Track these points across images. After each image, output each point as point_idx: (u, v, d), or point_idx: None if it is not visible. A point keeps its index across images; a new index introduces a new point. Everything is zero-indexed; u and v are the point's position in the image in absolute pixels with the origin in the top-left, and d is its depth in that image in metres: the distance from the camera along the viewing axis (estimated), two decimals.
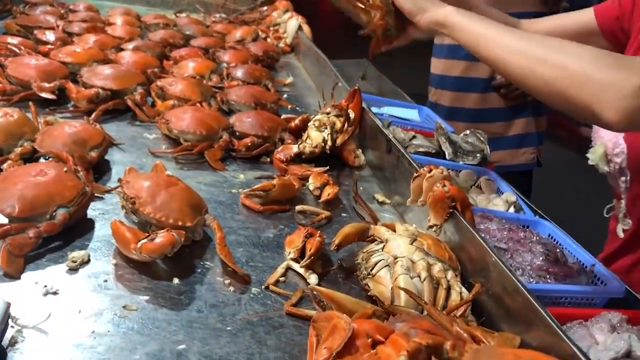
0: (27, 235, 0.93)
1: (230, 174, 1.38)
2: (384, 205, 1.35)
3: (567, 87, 0.97)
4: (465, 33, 1.18)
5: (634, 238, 1.42)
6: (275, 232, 1.15)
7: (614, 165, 1.37)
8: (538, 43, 1.06)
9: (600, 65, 0.96)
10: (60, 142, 1.20)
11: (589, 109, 0.95)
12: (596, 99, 0.93)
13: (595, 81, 0.94)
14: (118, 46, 2.09)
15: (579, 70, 0.96)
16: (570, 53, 1.00)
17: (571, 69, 0.97)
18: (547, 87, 1.01)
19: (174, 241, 0.94)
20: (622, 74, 0.93)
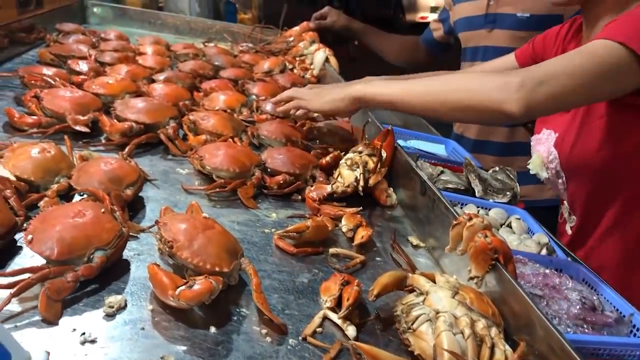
0: (65, 279, 0.92)
1: (262, 212, 1.37)
2: (418, 249, 1.32)
3: (475, 102, 1.29)
4: (380, 101, 1.49)
5: (580, 231, 1.63)
6: (310, 277, 1.13)
7: (551, 170, 1.63)
8: (441, 82, 1.43)
9: (489, 79, 1.33)
10: (96, 180, 1.20)
11: (497, 109, 1.25)
12: (497, 100, 1.25)
13: (491, 89, 1.27)
14: (149, 77, 2.11)
15: (477, 87, 1.31)
16: (465, 79, 1.39)
17: (472, 89, 1.31)
18: (461, 108, 1.33)
19: (212, 289, 0.93)
20: (505, 78, 1.28)
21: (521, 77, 1.24)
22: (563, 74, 1.23)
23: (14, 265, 1.01)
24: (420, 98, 1.40)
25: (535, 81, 1.22)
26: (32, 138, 1.50)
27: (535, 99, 1.22)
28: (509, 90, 1.23)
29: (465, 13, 2.39)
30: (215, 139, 1.63)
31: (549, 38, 1.71)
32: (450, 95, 1.35)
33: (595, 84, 1.23)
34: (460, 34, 2.44)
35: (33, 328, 0.86)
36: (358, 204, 1.41)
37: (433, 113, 1.42)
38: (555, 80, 1.22)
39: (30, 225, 0.99)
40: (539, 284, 1.40)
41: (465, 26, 2.39)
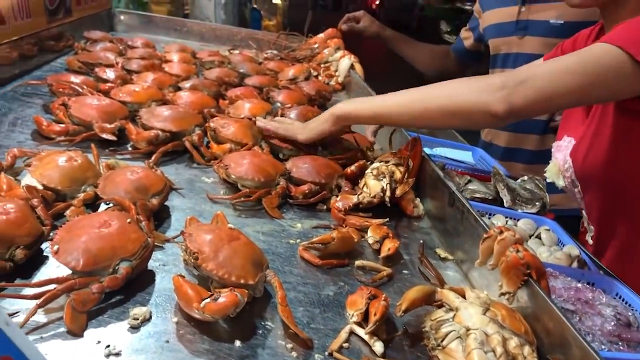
0: (91, 290, 0.91)
1: (287, 222, 1.35)
2: (446, 261, 1.30)
3: (459, 105, 1.30)
4: (364, 115, 1.51)
5: (599, 241, 1.60)
6: (336, 290, 1.11)
7: (567, 179, 1.61)
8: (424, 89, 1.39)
9: (472, 81, 1.32)
10: (122, 189, 1.20)
11: (481, 110, 1.26)
12: (481, 102, 1.25)
13: (474, 91, 1.27)
14: (175, 84, 2.12)
15: (460, 90, 1.31)
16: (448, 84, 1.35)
17: (455, 93, 1.32)
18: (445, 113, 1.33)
19: (237, 302, 0.91)
20: (488, 79, 1.31)
21: (504, 77, 1.25)
22: (548, 74, 1.23)
23: (40, 275, 1.01)
24: (404, 107, 1.40)
25: (517, 81, 1.22)
26: (60, 146, 1.51)
27: (517, 99, 1.21)
28: (492, 91, 1.23)
29: (495, 20, 2.35)
30: (239, 148, 1.63)
31: (579, 41, 1.66)
32: (434, 101, 1.34)
33: (585, 86, 1.21)
34: (490, 41, 2.40)
35: (58, 340, 0.86)
36: (384, 214, 1.38)
37: (418, 121, 1.42)
38: (537, 80, 1.22)
39: (56, 236, 0.99)
40: (570, 299, 1.36)
41: (495, 33, 2.35)
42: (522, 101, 1.22)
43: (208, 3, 5.35)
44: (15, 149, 1.35)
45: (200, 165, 1.58)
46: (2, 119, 1.66)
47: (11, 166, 1.30)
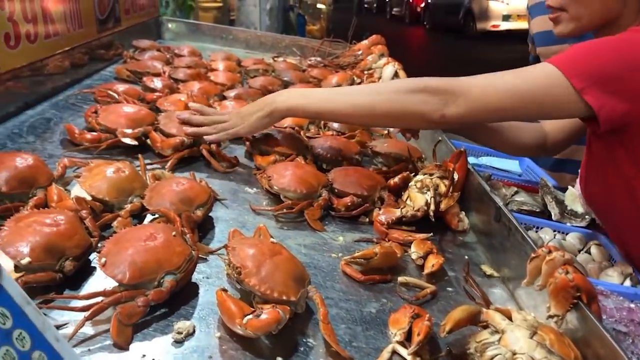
0: (136, 303, 0.93)
1: (329, 235, 1.35)
2: (491, 278, 1.26)
3: (402, 112, 1.36)
4: (307, 110, 1.52)
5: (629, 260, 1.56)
6: (378, 307, 1.10)
7: (584, 205, 1.67)
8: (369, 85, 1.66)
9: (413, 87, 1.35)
10: (167, 200, 1.22)
11: (420, 118, 1.34)
12: (420, 110, 1.32)
13: (413, 99, 1.33)
14: (220, 93, 2.14)
15: (402, 98, 1.35)
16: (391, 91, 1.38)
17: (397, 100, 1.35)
18: (390, 117, 1.42)
19: (280, 319, 0.91)
20: (426, 84, 1.33)
21: (443, 84, 1.31)
22: (482, 88, 1.28)
23: (87, 286, 1.03)
24: (351, 107, 1.42)
25: (453, 91, 1.29)
26: (88, 153, 1.54)
27: (451, 109, 1.29)
28: (429, 99, 1.30)
29: (544, 27, 2.28)
30: (284, 159, 1.63)
31: None
32: (379, 105, 1.38)
33: (517, 104, 1.26)
34: (539, 49, 2.34)
35: (105, 352, 0.87)
36: (428, 228, 1.36)
37: (361, 120, 1.56)
38: (472, 93, 1.28)
39: (104, 248, 1.01)
40: (623, 320, 1.31)
41: (543, 41, 2.29)
42: (455, 112, 1.28)
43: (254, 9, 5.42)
44: (65, 159, 1.38)
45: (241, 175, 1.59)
46: (54, 128, 1.72)
47: (62, 176, 1.33)
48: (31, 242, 0.97)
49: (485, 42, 13.27)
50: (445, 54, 11.84)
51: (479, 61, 10.92)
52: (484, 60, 11.09)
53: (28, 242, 0.97)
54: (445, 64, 9.52)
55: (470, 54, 11.91)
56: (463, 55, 11.77)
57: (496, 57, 11.52)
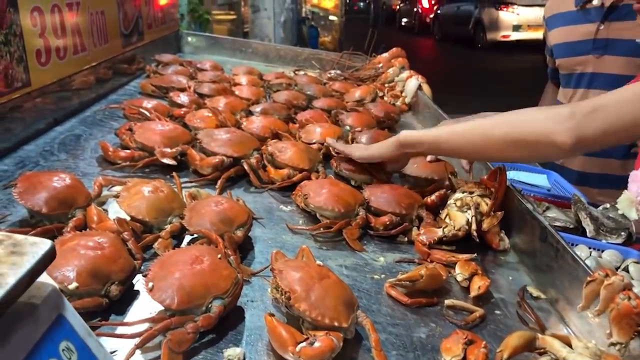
0: (186, 330, 0.91)
1: (369, 255, 1.32)
2: (538, 300, 1.23)
3: (523, 134, 1.23)
4: (424, 142, 1.44)
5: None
6: (427, 332, 1.07)
7: None
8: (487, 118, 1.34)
9: (538, 110, 1.27)
10: (208, 221, 1.20)
11: (545, 141, 1.19)
12: (546, 131, 1.19)
13: (540, 119, 1.22)
14: (246, 108, 2.13)
15: (524, 119, 1.26)
16: (512, 113, 1.29)
17: (519, 120, 1.26)
18: (508, 142, 1.26)
19: (334, 347, 0.89)
20: (555, 109, 1.23)
21: (571, 108, 1.19)
22: (614, 107, 1.15)
23: (133, 310, 1.01)
24: (464, 135, 1.36)
25: (586, 111, 1.16)
26: (124, 172, 1.53)
27: (584, 131, 1.16)
28: (559, 121, 1.17)
29: (566, 38, 2.26)
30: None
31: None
32: (496, 129, 1.28)
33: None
34: (561, 60, 2.31)
35: None
36: (466, 248, 1.33)
37: (478, 151, 1.37)
38: (604, 112, 1.15)
39: (150, 272, 0.99)
40: None
41: (566, 52, 2.26)
42: (591, 133, 1.16)
43: (267, 22, 5.43)
44: (100, 178, 1.37)
45: (274, 193, 1.57)
46: (85, 144, 1.71)
47: (98, 195, 1.32)
48: (77, 266, 0.95)
49: (496, 52, 13.26)
50: (455, 65, 11.82)
51: (490, 71, 10.90)
52: (495, 71, 11.08)
53: (74, 266, 0.95)
54: (456, 74, 9.50)
55: (481, 65, 11.90)
56: (474, 65, 11.75)
57: (507, 67, 11.51)
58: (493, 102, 3.78)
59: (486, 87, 8.21)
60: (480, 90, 7.71)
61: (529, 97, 2.82)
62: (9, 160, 1.53)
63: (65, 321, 0.64)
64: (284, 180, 1.59)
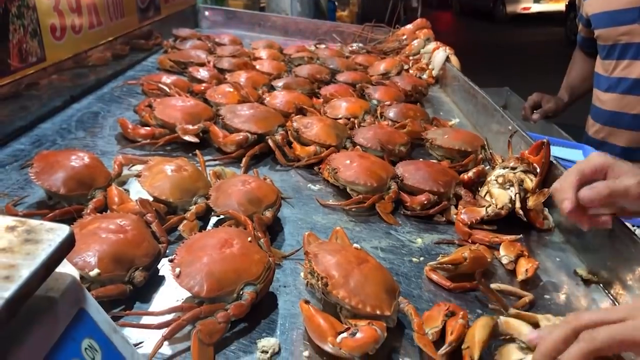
0: (216, 320, 0.84)
1: (405, 236, 1.24)
2: (590, 284, 1.14)
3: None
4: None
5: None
6: (473, 319, 0.98)
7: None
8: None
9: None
10: (235, 201, 1.12)
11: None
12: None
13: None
14: (268, 83, 2.04)
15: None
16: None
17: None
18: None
19: (378, 338, 0.81)
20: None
21: None
22: None
23: (158, 297, 0.94)
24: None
25: None
26: (145, 150, 1.47)
27: None
28: None
29: (607, 7, 2.12)
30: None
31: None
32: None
33: None
34: (601, 30, 2.17)
35: None
36: (507, 227, 1.24)
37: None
38: None
39: (177, 257, 0.92)
40: None
41: (608, 22, 2.12)
42: None
43: None
44: (120, 156, 1.30)
45: (301, 171, 1.49)
46: (103, 122, 1.64)
47: (119, 175, 1.26)
48: (99, 251, 0.88)
49: (516, 25, 12.92)
50: (475, 39, 11.54)
51: (510, 45, 10.63)
52: (515, 45, 10.80)
53: (95, 251, 0.88)
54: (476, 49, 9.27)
55: (501, 38, 11.61)
56: (494, 39, 11.47)
57: (528, 41, 11.22)
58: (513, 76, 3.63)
59: (506, 61, 8.01)
60: (500, 64, 7.52)
61: (549, 71, 2.69)
62: (25, 139, 1.47)
63: (87, 316, 0.57)
64: (311, 157, 1.51)
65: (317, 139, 1.56)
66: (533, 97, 2.55)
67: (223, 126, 1.56)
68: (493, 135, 1.76)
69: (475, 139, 1.62)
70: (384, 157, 1.50)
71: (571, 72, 2.60)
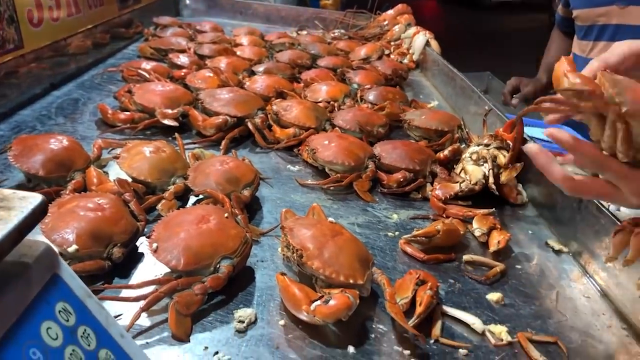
0: (193, 292, 0.86)
1: (382, 213, 1.27)
2: (560, 254, 1.18)
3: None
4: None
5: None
6: (446, 288, 1.02)
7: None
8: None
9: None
10: (213, 180, 1.14)
11: None
12: None
13: None
14: (249, 68, 2.05)
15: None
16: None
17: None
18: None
19: (350, 305, 0.84)
20: None
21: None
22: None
23: (137, 272, 0.96)
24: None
25: None
26: (124, 134, 1.48)
27: None
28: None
29: None
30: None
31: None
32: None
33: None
34: (580, 11, 2.20)
35: (164, 345, 0.80)
36: (481, 202, 1.27)
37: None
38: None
39: (154, 233, 0.94)
40: None
41: (586, 2, 2.15)
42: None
43: None
44: (99, 140, 1.32)
45: (281, 152, 1.51)
46: (83, 108, 1.65)
47: (98, 158, 1.27)
48: (77, 228, 0.90)
49: (500, 12, 12.95)
50: (459, 26, 11.57)
51: (494, 32, 10.66)
52: (500, 31, 10.84)
53: (73, 228, 0.90)
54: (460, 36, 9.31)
55: (486, 25, 11.64)
56: (478, 26, 11.50)
57: (513, 28, 11.26)
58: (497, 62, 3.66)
59: (490, 47, 8.05)
60: (484, 50, 7.56)
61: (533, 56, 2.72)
62: (4, 125, 1.47)
63: (61, 281, 0.59)
64: (291, 139, 1.53)
65: (297, 122, 1.57)
66: (511, 81, 2.58)
67: (202, 110, 1.57)
68: (471, 117, 1.79)
69: (451, 119, 1.65)
70: (363, 138, 1.53)
71: (549, 51, 2.63)
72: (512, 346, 0.88)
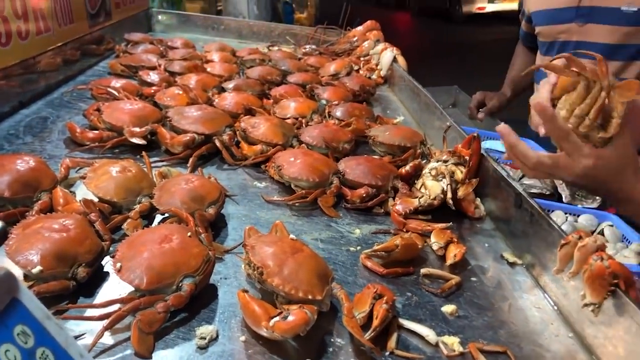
0: (156, 310, 0.89)
1: (345, 228, 1.31)
2: (514, 266, 1.23)
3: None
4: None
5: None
6: (404, 301, 1.06)
7: None
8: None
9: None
10: (178, 199, 1.17)
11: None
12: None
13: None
14: (219, 85, 2.08)
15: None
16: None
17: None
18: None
19: (308, 320, 0.87)
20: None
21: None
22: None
23: (102, 291, 0.98)
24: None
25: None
26: (93, 153, 1.50)
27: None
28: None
29: (546, 5, 2.22)
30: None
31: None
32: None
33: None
34: (541, 28, 2.28)
35: None
36: (443, 217, 1.32)
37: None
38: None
39: (118, 252, 0.96)
40: None
41: (547, 19, 2.23)
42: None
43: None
44: (67, 159, 1.33)
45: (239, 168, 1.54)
46: (52, 127, 1.66)
47: (65, 178, 1.28)
48: (41, 249, 0.92)
49: (472, 25, 13.20)
50: (432, 38, 11.77)
51: (466, 45, 10.86)
52: (471, 44, 11.04)
53: (38, 249, 0.92)
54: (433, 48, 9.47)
55: (457, 38, 11.85)
56: (450, 39, 11.71)
57: (484, 40, 11.48)
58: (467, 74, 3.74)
59: (462, 60, 8.21)
60: (456, 62, 7.70)
61: (503, 68, 2.81)
62: None
63: (20, 305, 0.61)
64: (258, 156, 1.56)
65: (264, 138, 1.61)
66: (477, 96, 2.66)
67: (171, 128, 1.60)
68: (436, 132, 1.84)
69: (414, 135, 1.70)
70: (329, 154, 1.57)
71: (514, 66, 2.71)
72: (463, 356, 0.93)
